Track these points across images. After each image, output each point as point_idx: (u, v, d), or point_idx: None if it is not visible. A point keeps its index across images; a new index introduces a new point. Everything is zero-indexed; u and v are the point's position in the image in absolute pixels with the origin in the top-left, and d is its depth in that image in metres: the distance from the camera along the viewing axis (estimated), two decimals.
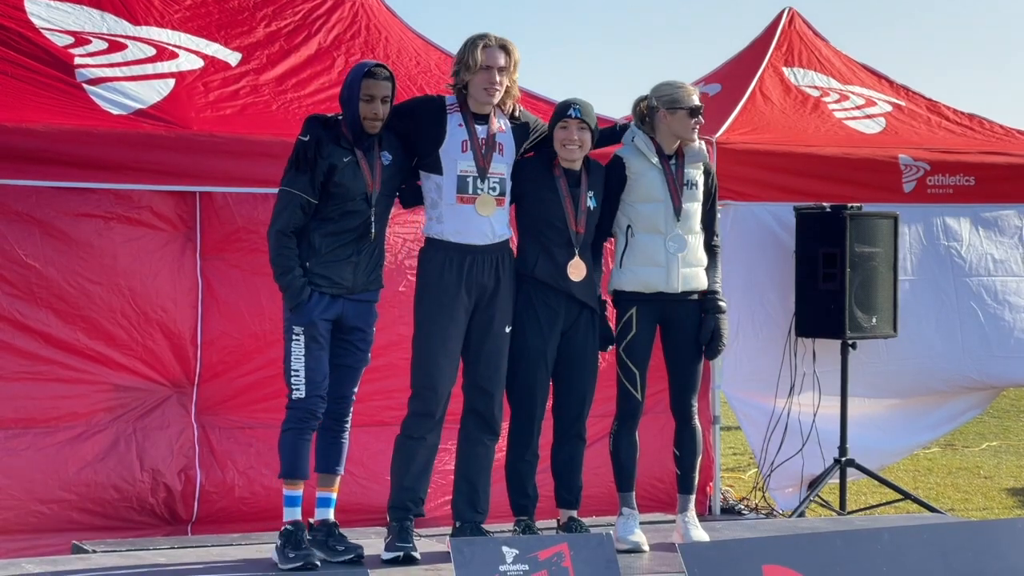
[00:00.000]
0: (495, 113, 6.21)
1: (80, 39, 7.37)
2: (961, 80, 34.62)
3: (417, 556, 6.02)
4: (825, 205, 8.69)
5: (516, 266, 6.29)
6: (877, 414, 9.43)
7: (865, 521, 8.15)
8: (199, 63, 7.53)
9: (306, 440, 5.92)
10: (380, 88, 5.91)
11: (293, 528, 5.87)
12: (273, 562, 5.88)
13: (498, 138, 6.17)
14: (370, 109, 5.90)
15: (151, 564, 6.06)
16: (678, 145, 6.48)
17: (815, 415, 8.83)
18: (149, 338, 7.07)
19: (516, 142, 6.25)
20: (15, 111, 6.78)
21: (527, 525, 6.33)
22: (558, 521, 6.49)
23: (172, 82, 7.33)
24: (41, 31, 7.32)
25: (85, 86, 7.11)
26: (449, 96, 6.21)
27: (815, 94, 9.79)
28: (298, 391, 5.89)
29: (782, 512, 8.82)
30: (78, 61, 7.23)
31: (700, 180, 6.51)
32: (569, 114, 6.26)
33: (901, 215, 8.95)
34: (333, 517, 6.05)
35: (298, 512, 5.90)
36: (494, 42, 6.12)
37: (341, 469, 6.10)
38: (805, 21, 10.30)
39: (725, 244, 6.70)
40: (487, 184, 6.11)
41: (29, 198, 6.83)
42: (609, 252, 6.72)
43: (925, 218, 9.29)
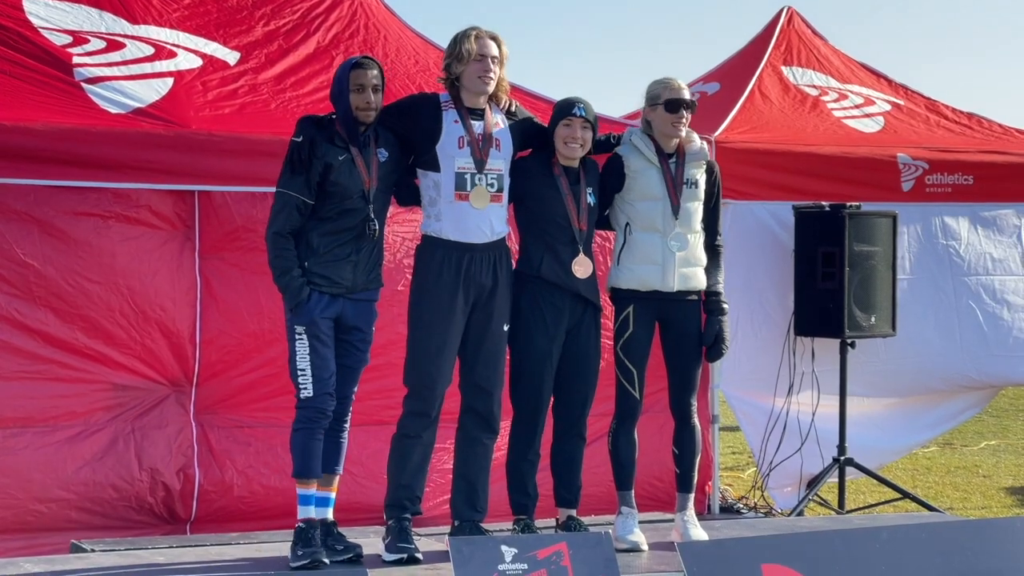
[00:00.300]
0: (490, 109, 6.20)
1: (79, 38, 7.37)
2: (960, 79, 34.65)
3: (419, 557, 6.01)
4: (824, 204, 8.69)
5: (520, 267, 6.29)
6: (876, 413, 9.43)
7: (864, 520, 8.14)
8: (198, 62, 7.53)
9: (317, 439, 5.92)
10: (369, 77, 5.89)
11: (305, 526, 5.88)
12: (285, 559, 5.89)
13: (495, 134, 6.16)
14: (362, 99, 5.89)
15: (150, 563, 6.05)
16: (678, 144, 6.48)
17: (814, 414, 8.83)
18: (148, 337, 7.07)
19: (513, 139, 6.24)
20: (14, 110, 6.77)
21: (526, 524, 6.33)
22: (557, 520, 6.48)
23: (171, 81, 7.32)
24: (39, 30, 7.31)
25: (84, 85, 7.10)
26: (443, 94, 6.20)
27: (814, 93, 9.78)
28: (306, 390, 5.88)
29: (781, 511, 8.82)
30: (76, 60, 7.22)
31: (701, 179, 6.50)
32: (574, 112, 6.25)
33: (900, 214, 8.95)
34: (332, 516, 6.05)
35: (312, 510, 5.91)
36: (485, 33, 6.13)
37: (340, 469, 6.10)
38: (804, 20, 10.30)
39: (724, 243, 6.69)
40: (485, 180, 6.10)
41: (28, 197, 6.83)
42: (607, 250, 6.71)
43: (924, 217, 9.28)
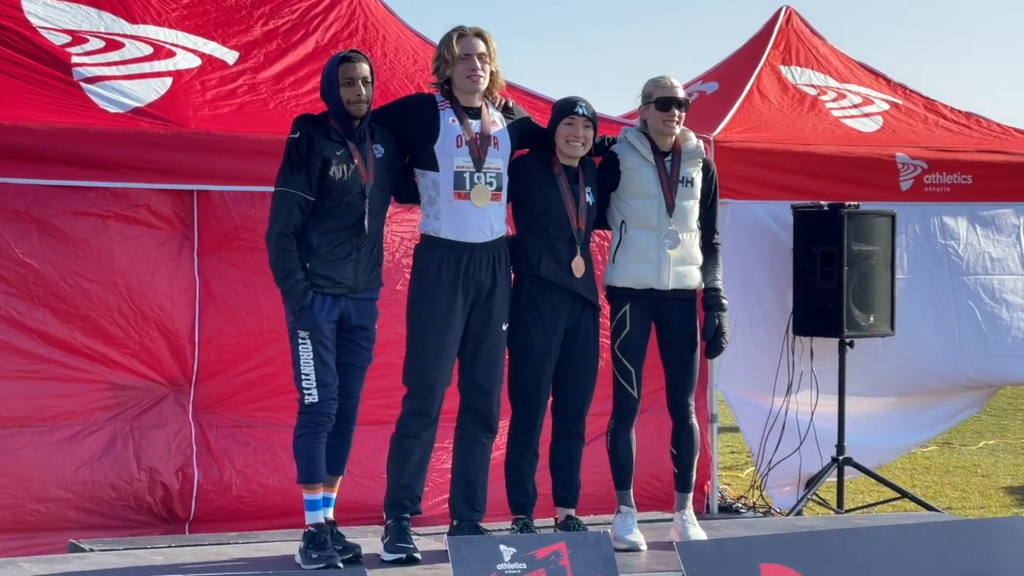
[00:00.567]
0: (487, 107, 6.20)
1: (77, 38, 7.37)
2: (958, 78, 34.65)
3: (418, 557, 6.01)
4: (823, 203, 8.68)
5: (518, 266, 6.28)
6: (875, 412, 9.43)
7: (863, 520, 8.14)
8: (196, 61, 7.53)
9: (321, 443, 5.91)
10: (358, 70, 5.89)
11: (316, 531, 5.88)
12: (296, 563, 5.89)
13: (492, 132, 6.16)
14: (352, 92, 5.88)
15: (148, 563, 6.05)
16: (674, 142, 6.48)
17: (813, 413, 8.83)
18: (146, 337, 7.06)
19: (511, 137, 6.24)
20: (12, 109, 6.77)
21: (525, 524, 6.33)
22: (556, 519, 6.48)
23: (169, 80, 7.32)
24: (38, 30, 7.31)
25: (82, 84, 7.10)
26: (438, 95, 6.19)
27: (812, 92, 9.78)
28: (311, 396, 5.87)
29: (780, 511, 8.82)
30: (75, 60, 7.22)
31: (698, 178, 6.50)
32: (577, 111, 6.25)
33: (899, 213, 8.94)
34: (332, 516, 6.05)
35: (320, 515, 5.91)
36: (469, 31, 6.12)
37: (343, 470, 6.10)
38: (803, 19, 10.29)
39: (723, 242, 6.69)
40: (484, 179, 6.10)
41: (26, 196, 6.82)
42: (607, 249, 6.71)
43: (922, 216, 9.27)
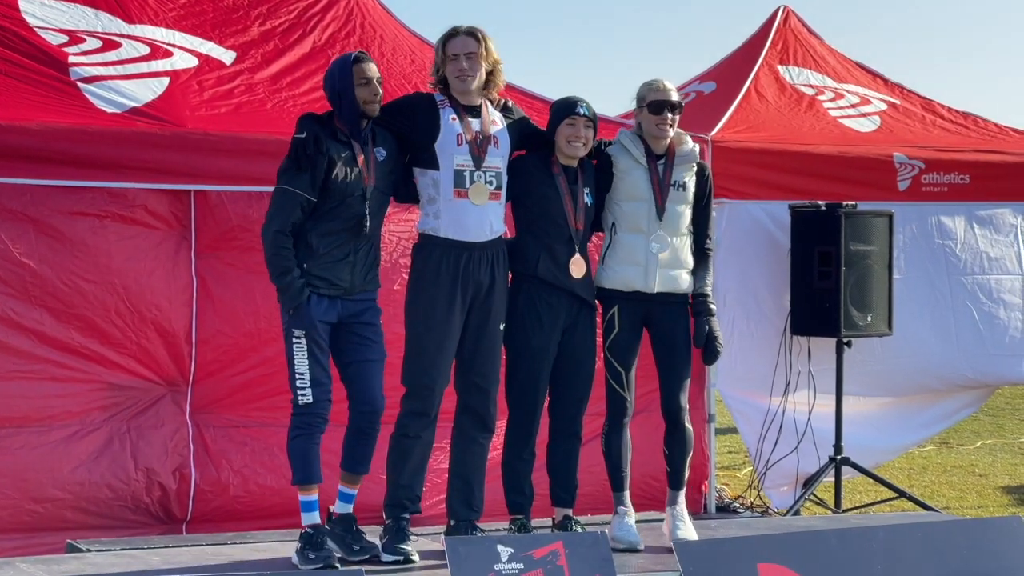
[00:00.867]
0: (486, 106, 6.20)
1: (74, 38, 7.36)
2: (956, 78, 34.66)
3: (416, 557, 6.02)
4: (820, 203, 8.68)
5: (516, 266, 6.28)
6: (872, 412, 9.43)
7: (860, 519, 8.14)
8: (193, 61, 7.52)
9: (316, 444, 5.89)
10: (372, 70, 5.92)
11: (313, 532, 5.88)
12: (293, 563, 5.88)
13: (492, 131, 6.17)
14: (369, 91, 5.89)
15: (146, 563, 6.05)
16: (669, 145, 6.47)
17: (810, 413, 8.83)
18: (143, 336, 7.06)
19: (511, 137, 6.24)
20: (9, 109, 6.77)
21: (522, 523, 6.33)
22: (553, 519, 6.48)
23: (166, 80, 7.32)
24: (35, 30, 7.31)
25: (80, 84, 7.10)
26: (438, 94, 6.20)
27: (810, 92, 9.78)
28: (305, 396, 5.85)
29: (777, 510, 8.82)
30: (72, 60, 7.22)
31: (690, 182, 6.48)
32: (578, 111, 6.26)
33: (896, 213, 8.94)
34: (352, 511, 6.03)
35: (316, 516, 5.90)
36: (461, 31, 6.13)
37: (367, 469, 6.07)
38: (800, 19, 10.29)
39: (720, 242, 6.68)
40: (483, 178, 6.09)
41: (23, 196, 6.82)
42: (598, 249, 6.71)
43: (920, 216, 9.27)
